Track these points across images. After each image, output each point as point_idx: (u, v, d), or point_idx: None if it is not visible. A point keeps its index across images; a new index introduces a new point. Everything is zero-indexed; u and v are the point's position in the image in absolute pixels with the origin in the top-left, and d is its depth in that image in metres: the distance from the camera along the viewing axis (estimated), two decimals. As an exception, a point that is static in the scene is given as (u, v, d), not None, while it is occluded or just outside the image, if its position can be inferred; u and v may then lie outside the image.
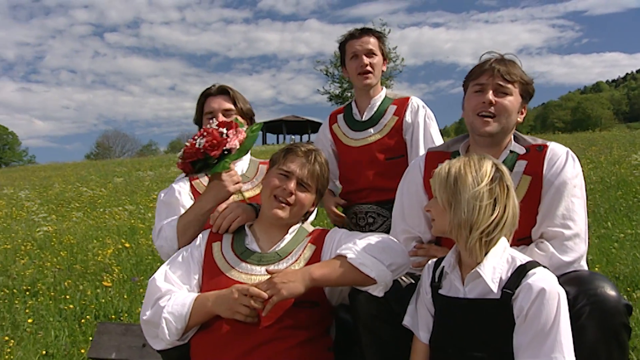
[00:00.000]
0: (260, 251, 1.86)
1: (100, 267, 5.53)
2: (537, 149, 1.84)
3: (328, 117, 2.88)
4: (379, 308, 1.67)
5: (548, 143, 1.85)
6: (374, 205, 2.64)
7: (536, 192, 1.77)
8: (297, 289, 1.61)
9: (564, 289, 1.40)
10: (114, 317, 4.09)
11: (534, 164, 1.80)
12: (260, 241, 1.89)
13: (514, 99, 1.81)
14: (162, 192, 2.27)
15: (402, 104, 2.68)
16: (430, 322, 1.60)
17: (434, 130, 2.63)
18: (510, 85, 1.80)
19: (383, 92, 2.74)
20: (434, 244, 1.94)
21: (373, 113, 2.69)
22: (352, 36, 2.66)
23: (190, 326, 1.73)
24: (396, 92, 2.81)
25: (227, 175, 1.97)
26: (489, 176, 1.46)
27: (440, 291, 1.56)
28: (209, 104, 2.32)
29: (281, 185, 1.83)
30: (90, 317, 4.08)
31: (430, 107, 2.69)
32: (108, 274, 5.21)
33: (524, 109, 1.87)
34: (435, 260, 1.66)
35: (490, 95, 1.79)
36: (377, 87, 2.72)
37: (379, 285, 1.64)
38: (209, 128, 1.91)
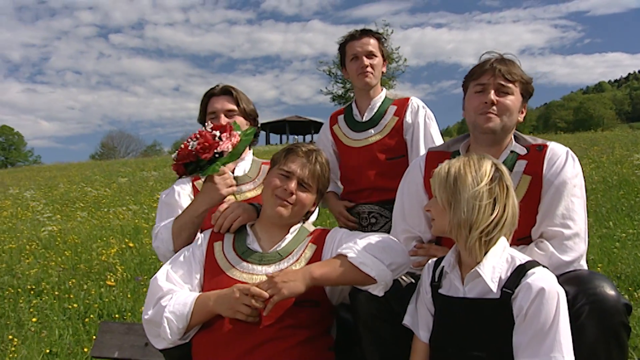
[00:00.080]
0: (262, 251, 1.86)
1: (104, 267, 5.56)
2: (537, 148, 1.84)
3: (329, 118, 2.89)
4: (379, 307, 1.67)
5: (548, 143, 1.85)
6: (376, 206, 2.65)
7: (536, 191, 1.77)
8: (298, 288, 1.62)
9: (563, 288, 1.40)
10: (118, 316, 4.11)
11: (534, 164, 1.80)
12: (261, 241, 1.89)
13: (515, 98, 1.82)
14: (164, 193, 2.28)
15: (402, 105, 2.68)
16: (430, 321, 1.60)
17: (434, 130, 2.64)
18: (511, 85, 1.80)
19: (383, 93, 2.75)
20: (434, 244, 1.95)
21: (373, 114, 2.70)
22: (352, 37, 2.66)
23: (191, 325, 1.74)
24: (396, 92, 2.82)
25: (221, 178, 1.97)
26: (489, 176, 1.46)
27: (440, 291, 1.57)
28: (212, 104, 2.33)
29: (282, 185, 1.84)
30: (94, 316, 4.11)
31: (432, 107, 2.69)
32: (112, 274, 5.24)
33: (524, 108, 1.88)
34: (435, 259, 1.66)
35: (492, 95, 1.79)
36: (377, 88, 2.73)
37: (379, 284, 1.65)
38: (203, 131, 1.91)
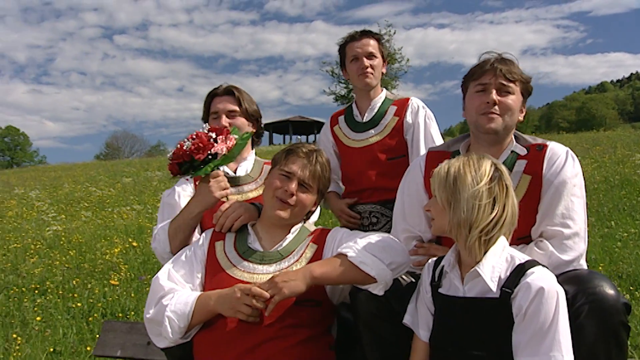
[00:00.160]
0: (263, 250, 1.87)
1: (108, 266, 5.59)
2: (537, 148, 1.84)
3: (329, 119, 2.89)
4: (379, 307, 1.67)
5: (548, 142, 1.85)
6: (378, 205, 2.65)
7: (536, 191, 1.77)
8: (299, 288, 1.62)
9: (563, 287, 1.40)
10: (121, 315, 4.13)
11: (534, 163, 1.80)
12: (262, 240, 1.90)
13: (516, 97, 1.82)
14: (166, 193, 2.28)
15: (403, 105, 2.69)
16: (430, 320, 1.60)
17: (434, 130, 2.64)
18: (512, 84, 1.81)
19: (383, 94, 2.75)
20: (435, 243, 1.95)
21: (374, 114, 2.71)
22: (352, 38, 2.66)
23: (192, 324, 1.74)
24: (397, 92, 2.82)
25: (215, 181, 1.97)
26: (488, 175, 1.46)
27: (440, 290, 1.57)
28: (215, 105, 2.34)
29: (282, 186, 1.84)
30: (98, 315, 4.13)
31: (435, 107, 2.71)
32: (115, 273, 5.27)
33: (524, 107, 1.88)
34: (435, 259, 1.66)
35: (494, 94, 1.79)
36: (377, 89, 2.73)
37: (379, 283, 1.65)
38: (200, 131, 1.92)
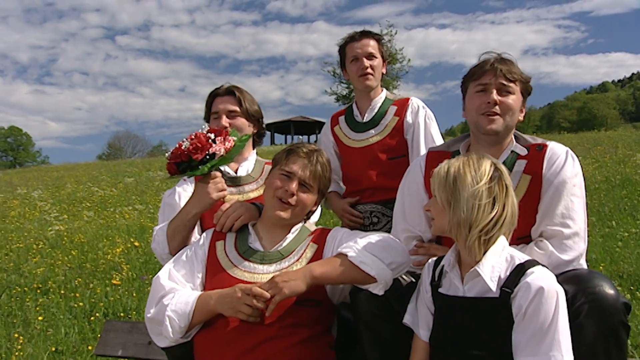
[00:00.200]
0: (263, 250, 1.87)
1: (110, 266, 5.61)
2: (537, 148, 1.84)
3: (329, 119, 2.90)
4: (379, 306, 1.67)
5: (547, 142, 1.85)
6: (378, 205, 2.65)
7: (536, 191, 1.77)
8: (299, 287, 1.62)
9: (562, 287, 1.40)
10: (123, 315, 4.14)
11: (534, 163, 1.80)
12: (263, 240, 1.91)
13: (516, 97, 1.82)
14: (167, 193, 2.29)
15: (403, 105, 2.69)
16: (430, 320, 1.60)
17: (434, 130, 2.64)
18: (512, 84, 1.81)
19: (383, 94, 2.75)
20: (435, 243, 1.95)
21: (374, 114, 2.71)
22: (352, 39, 2.67)
23: (193, 324, 1.75)
24: (398, 92, 2.83)
25: (212, 182, 1.97)
26: (488, 175, 1.46)
27: (440, 290, 1.57)
28: (216, 105, 2.34)
29: (283, 186, 1.85)
30: (100, 314, 4.14)
31: (436, 107, 2.73)
32: (117, 273, 5.28)
33: (523, 107, 1.88)
34: (435, 259, 1.66)
35: (495, 94, 1.79)
36: (377, 89, 2.73)
37: (379, 283, 1.65)
38: (199, 132, 1.92)
